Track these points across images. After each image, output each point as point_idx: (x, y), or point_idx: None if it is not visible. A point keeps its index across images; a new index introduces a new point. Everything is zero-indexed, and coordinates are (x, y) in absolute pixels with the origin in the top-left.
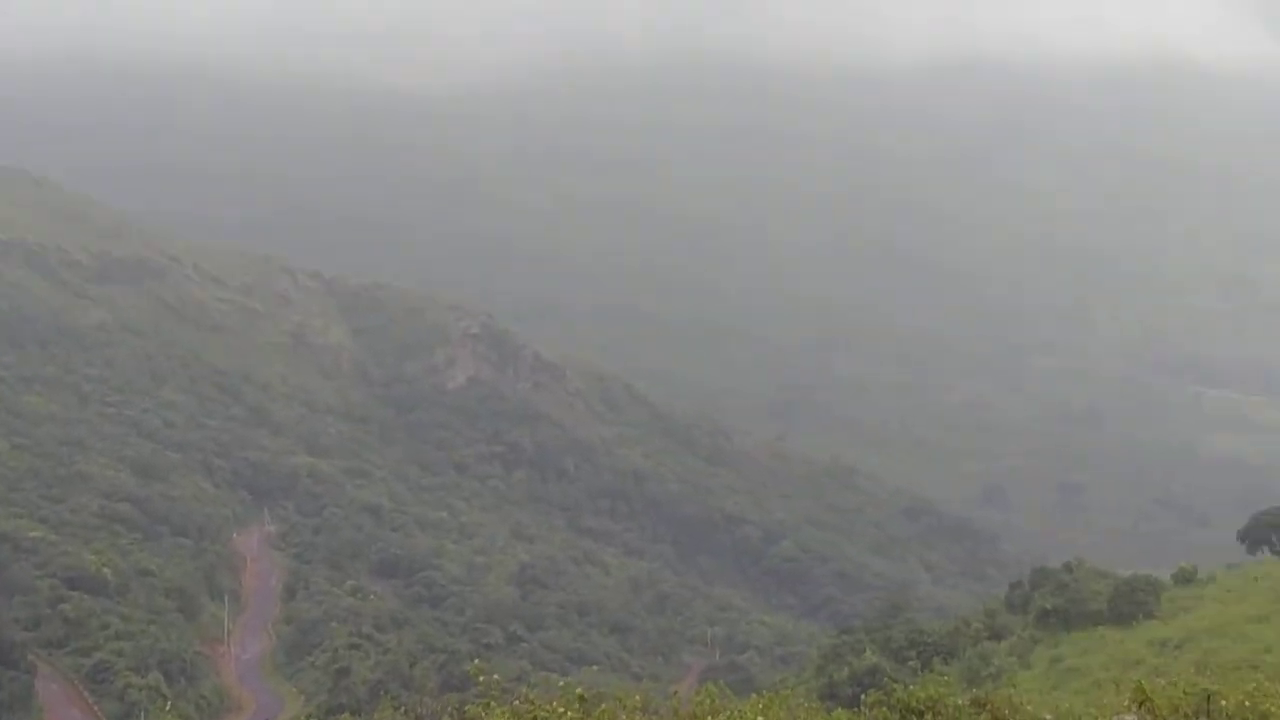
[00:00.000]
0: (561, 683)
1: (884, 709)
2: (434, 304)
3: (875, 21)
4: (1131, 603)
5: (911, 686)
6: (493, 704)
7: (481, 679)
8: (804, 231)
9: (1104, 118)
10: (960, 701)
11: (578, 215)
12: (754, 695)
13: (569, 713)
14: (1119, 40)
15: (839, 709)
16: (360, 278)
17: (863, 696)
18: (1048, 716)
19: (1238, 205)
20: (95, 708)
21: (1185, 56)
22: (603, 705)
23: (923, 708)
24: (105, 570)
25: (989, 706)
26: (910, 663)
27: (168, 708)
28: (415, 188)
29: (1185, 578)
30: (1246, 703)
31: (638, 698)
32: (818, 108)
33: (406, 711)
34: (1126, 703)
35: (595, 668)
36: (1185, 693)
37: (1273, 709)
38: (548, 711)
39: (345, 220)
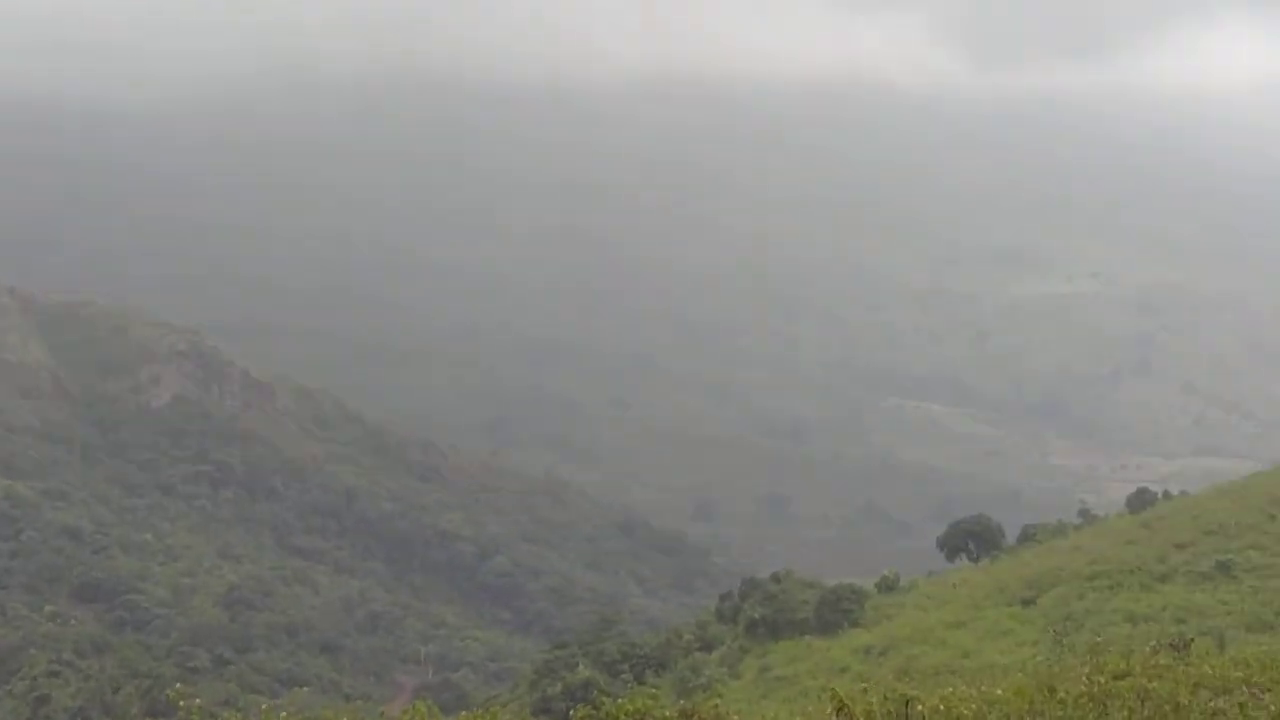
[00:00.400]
0: (265, 705)
1: None
2: (138, 321)
3: (579, 41)
4: (837, 611)
5: (620, 699)
6: None
7: (182, 704)
8: (512, 249)
9: (810, 136)
10: (668, 713)
11: (285, 234)
12: (464, 712)
13: None
14: (824, 62)
15: None
16: (61, 295)
17: (571, 711)
18: None
19: (932, 223)
20: None
21: (884, 79)
22: None
23: None
24: None
25: (696, 717)
26: (623, 675)
27: None
28: (116, 204)
29: (888, 585)
30: (941, 707)
31: (346, 719)
32: (519, 126)
33: None
34: (828, 710)
35: (305, 689)
36: (885, 698)
37: (965, 712)
38: None
39: (44, 237)
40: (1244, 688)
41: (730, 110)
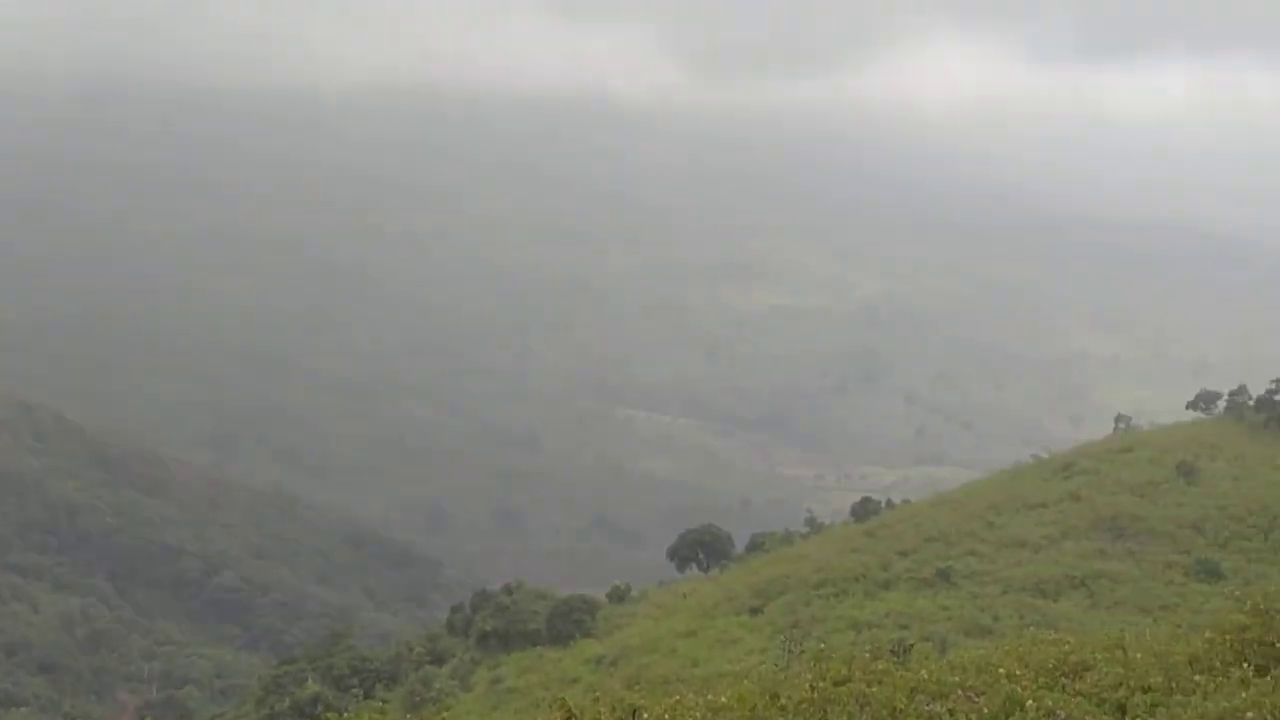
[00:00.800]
0: None
1: None
2: None
3: (300, 48)
4: (568, 622)
5: (347, 714)
6: None
7: None
8: (239, 258)
9: (536, 148)
10: None
11: None
12: None
13: None
14: (548, 74)
15: None
16: None
17: None
18: None
19: (663, 234)
20: None
21: (609, 92)
22: None
23: None
24: None
25: None
26: (353, 690)
27: None
28: None
29: (619, 596)
30: (667, 716)
31: None
32: (241, 133)
33: None
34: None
35: (23, 710)
36: (613, 707)
37: None
38: None
39: None
40: (959, 691)
41: (457, 121)
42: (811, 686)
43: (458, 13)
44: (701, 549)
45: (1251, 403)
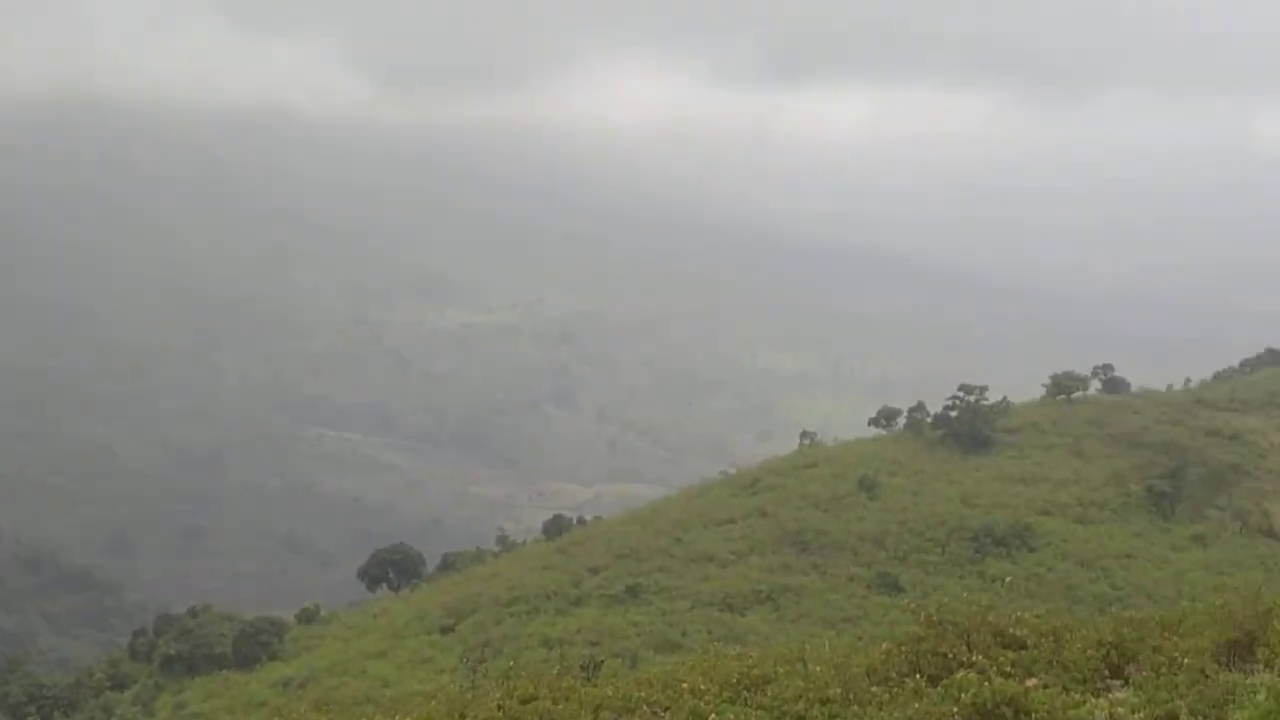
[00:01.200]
0: None
1: None
2: None
3: None
4: (255, 644)
5: None
6: None
7: None
8: None
9: (222, 163)
10: None
11: None
12: None
13: None
14: (229, 86)
15: None
16: None
17: None
18: None
19: (352, 251)
20: None
21: (293, 105)
22: None
23: None
24: None
25: None
26: (30, 718)
27: None
28: None
29: (308, 617)
30: None
31: None
32: None
33: None
34: None
35: None
36: None
37: None
38: None
39: None
40: (645, 707)
41: (132, 133)
42: (499, 705)
43: (131, 22)
44: (393, 569)
45: (929, 419)
